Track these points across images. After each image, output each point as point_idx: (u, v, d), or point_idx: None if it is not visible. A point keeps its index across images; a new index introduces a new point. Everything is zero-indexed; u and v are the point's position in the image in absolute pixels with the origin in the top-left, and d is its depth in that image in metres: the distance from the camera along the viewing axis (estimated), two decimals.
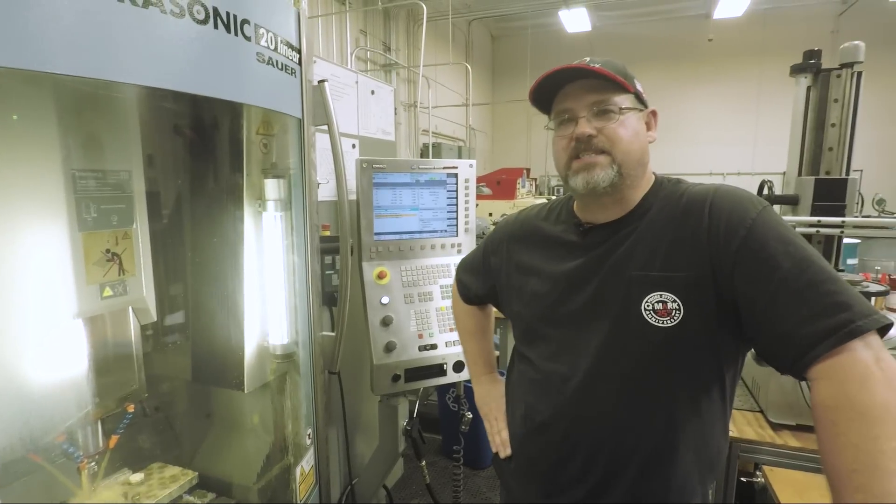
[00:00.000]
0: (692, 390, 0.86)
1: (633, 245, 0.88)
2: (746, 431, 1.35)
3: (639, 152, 0.90)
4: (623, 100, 0.89)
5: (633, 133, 0.89)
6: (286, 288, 1.45)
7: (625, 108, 0.88)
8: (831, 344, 0.69)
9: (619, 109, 0.88)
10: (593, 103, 0.88)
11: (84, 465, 1.10)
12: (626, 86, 0.88)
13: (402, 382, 1.75)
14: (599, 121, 0.88)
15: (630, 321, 0.85)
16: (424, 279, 1.83)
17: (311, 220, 1.36)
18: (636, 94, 0.91)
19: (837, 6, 9.43)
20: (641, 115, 0.92)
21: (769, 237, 0.77)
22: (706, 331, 0.82)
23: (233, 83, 1.01)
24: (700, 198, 0.85)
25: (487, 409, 1.16)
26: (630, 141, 0.88)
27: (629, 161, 0.88)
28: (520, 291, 1.04)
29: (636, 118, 0.91)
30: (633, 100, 0.91)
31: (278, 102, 1.17)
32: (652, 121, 0.96)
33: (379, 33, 7.74)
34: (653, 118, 0.96)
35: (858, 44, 1.47)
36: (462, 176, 1.88)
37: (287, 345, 1.49)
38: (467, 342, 1.29)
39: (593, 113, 0.88)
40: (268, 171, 1.44)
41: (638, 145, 0.90)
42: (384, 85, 2.07)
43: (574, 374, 0.91)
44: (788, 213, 1.58)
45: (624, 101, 0.89)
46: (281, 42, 1.14)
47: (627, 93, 0.89)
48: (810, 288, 0.72)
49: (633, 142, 0.89)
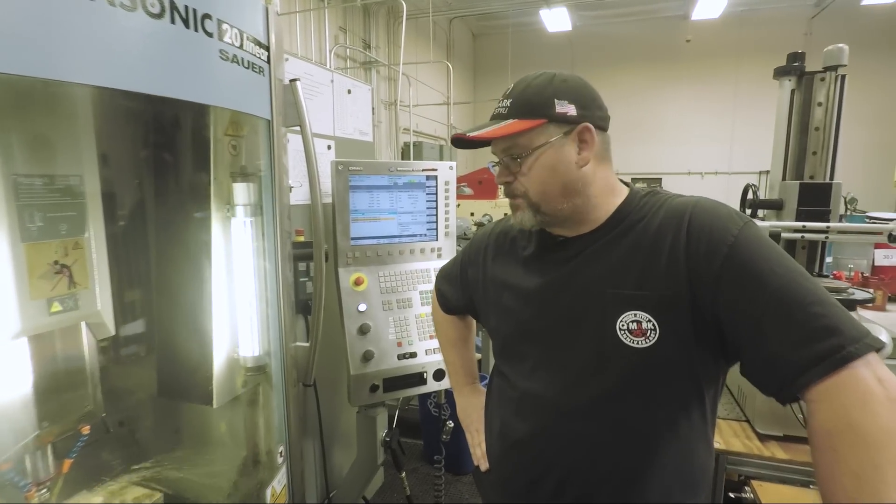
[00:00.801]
0: (670, 411, 0.82)
1: (606, 261, 0.84)
2: (733, 443, 1.32)
3: (559, 187, 0.85)
4: (534, 137, 0.84)
5: (549, 170, 0.84)
6: (257, 297, 1.38)
7: (534, 148, 0.84)
8: (821, 371, 0.65)
9: (528, 153, 0.85)
10: (503, 150, 0.88)
11: (32, 493, 1.02)
12: (529, 127, 0.83)
13: (381, 392, 1.70)
14: (512, 166, 0.87)
15: (605, 341, 0.81)
16: (403, 285, 1.78)
17: (282, 226, 1.29)
18: (558, 118, 0.84)
19: (810, 9, 9.62)
20: (567, 139, 0.84)
21: (753, 255, 0.73)
22: (684, 351, 0.79)
23: (193, 82, 0.94)
24: (678, 212, 0.81)
25: (468, 420, 1.14)
26: (544, 181, 0.85)
27: (547, 200, 0.86)
28: (496, 306, 1.00)
29: (554, 150, 0.84)
30: (552, 129, 0.84)
31: (245, 103, 1.10)
32: (588, 136, 0.85)
33: (359, 30, 7.62)
34: (587, 134, 0.85)
35: (842, 47, 1.46)
36: (441, 178, 1.83)
37: (259, 356, 1.43)
38: (448, 352, 1.25)
39: (507, 158, 0.88)
40: (236, 174, 1.37)
41: (556, 181, 0.85)
42: (361, 84, 2.00)
43: (548, 394, 0.88)
44: (773, 218, 1.57)
45: (536, 139, 0.84)
46: (247, 39, 1.07)
47: (540, 125, 0.84)
48: (799, 309, 0.69)
49: (547, 181, 0.85)
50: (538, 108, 0.84)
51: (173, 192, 1.37)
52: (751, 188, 1.59)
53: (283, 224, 1.30)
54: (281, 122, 1.27)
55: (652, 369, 0.80)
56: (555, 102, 0.84)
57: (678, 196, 0.86)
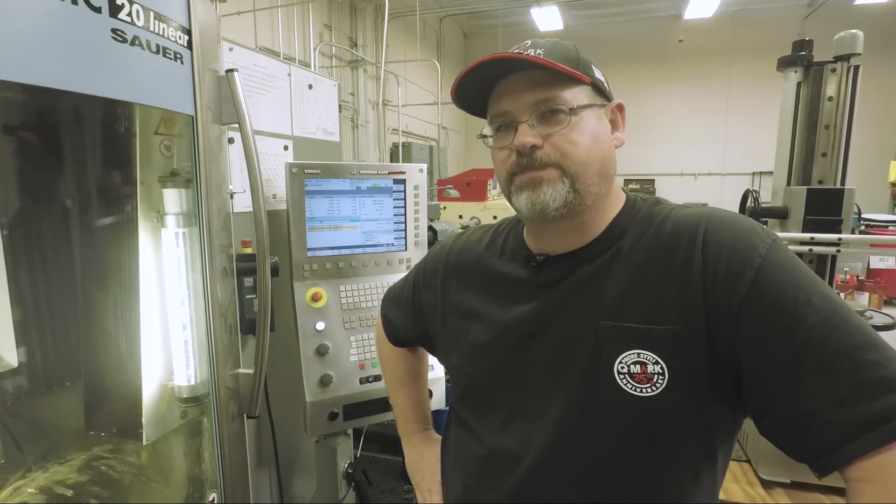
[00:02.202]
0: (677, 475, 0.65)
1: (602, 285, 0.67)
2: (732, 490, 1.15)
3: (600, 161, 0.68)
4: (576, 95, 0.67)
5: (592, 137, 0.68)
6: (192, 318, 1.22)
7: (579, 107, 0.67)
8: (875, 441, 0.49)
9: (571, 109, 0.66)
10: (536, 103, 0.67)
11: None
12: (578, 76, 0.66)
13: (341, 421, 1.52)
14: (545, 126, 0.67)
15: (599, 387, 0.64)
16: (367, 301, 1.60)
17: (212, 236, 1.12)
18: (595, 83, 0.69)
19: (803, 9, 9.58)
20: (603, 111, 0.71)
21: (785, 282, 0.57)
22: (698, 401, 0.62)
23: (71, 67, 0.76)
24: (690, 226, 0.64)
25: (420, 477, 0.94)
26: (588, 148, 0.67)
27: (587, 174, 0.67)
28: (458, 340, 0.82)
29: (595, 117, 0.69)
30: (590, 93, 0.69)
31: (154, 95, 0.92)
32: (619, 118, 0.74)
33: (345, 28, 7.44)
34: (619, 114, 0.74)
35: (856, 33, 1.29)
36: (411, 182, 1.65)
37: (195, 385, 1.27)
38: (396, 393, 1.05)
39: (537, 116, 0.67)
40: (166, 179, 1.20)
41: (598, 153, 0.68)
42: (325, 78, 1.83)
43: (526, 454, 0.70)
44: (776, 228, 1.40)
45: (578, 97, 0.67)
46: (155, 18, 0.90)
47: (582, 84, 0.68)
48: (844, 355, 0.53)
49: (591, 149, 0.67)
50: (583, 64, 0.69)
51: (92, 201, 1.20)
52: (751, 194, 1.42)
53: (216, 234, 1.13)
54: (211, 118, 1.10)
55: (658, 424, 0.63)
56: (592, 67, 0.70)
57: (685, 206, 0.70)
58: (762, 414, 0.60)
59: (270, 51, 5.33)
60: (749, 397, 0.61)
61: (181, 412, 1.30)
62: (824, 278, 1.34)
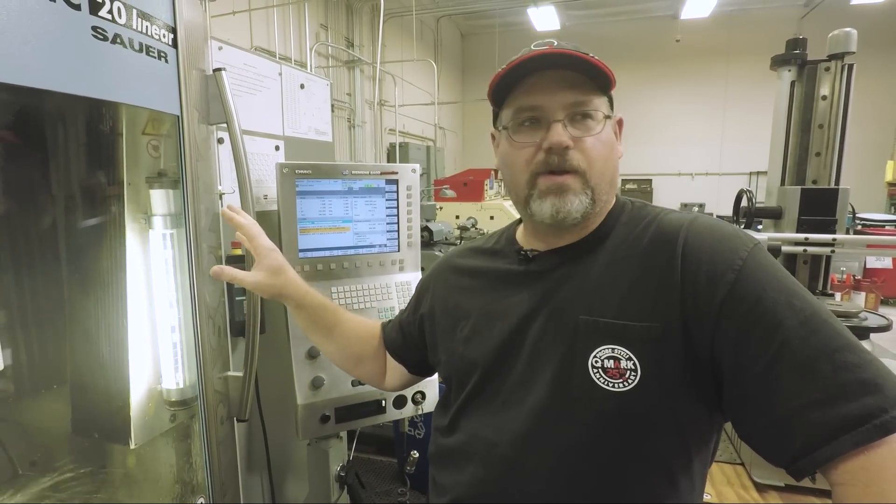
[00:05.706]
0: (648, 474, 0.65)
1: (584, 281, 0.68)
2: (725, 493, 1.14)
3: (612, 172, 0.71)
4: (602, 103, 0.69)
5: (610, 148, 0.70)
6: (181, 321, 1.21)
7: (605, 116, 0.69)
8: (854, 441, 0.49)
9: (606, 116, 0.68)
10: (572, 104, 0.67)
11: None
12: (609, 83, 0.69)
13: (333, 423, 1.51)
14: (577, 129, 0.67)
15: (573, 380, 0.65)
16: (360, 302, 1.59)
17: (199, 237, 1.11)
18: (610, 97, 0.72)
19: (800, 9, 9.60)
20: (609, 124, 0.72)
21: (766, 285, 0.57)
22: (670, 400, 0.62)
23: (50, 66, 0.74)
24: (672, 228, 0.65)
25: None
26: (606, 159, 0.69)
27: (603, 184, 0.69)
28: (445, 337, 0.83)
29: (610, 129, 0.71)
30: (607, 104, 0.71)
31: (136, 94, 0.91)
32: (619, 131, 0.76)
33: (341, 28, 7.43)
34: (619, 128, 0.76)
35: (850, 31, 1.28)
36: (404, 182, 1.64)
37: (184, 389, 1.25)
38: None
39: (569, 117, 0.67)
40: (153, 179, 1.19)
41: (612, 164, 0.71)
42: (317, 78, 1.82)
43: (501, 441, 0.70)
44: (770, 229, 1.39)
45: (603, 106, 0.69)
46: (138, 16, 0.88)
47: (604, 95, 0.70)
48: (823, 357, 0.53)
49: (608, 159, 0.70)
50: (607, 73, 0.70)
51: (78, 202, 1.19)
52: (746, 194, 1.41)
53: (203, 235, 1.12)
54: (198, 118, 1.08)
55: (629, 420, 0.63)
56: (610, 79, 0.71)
57: (672, 211, 0.71)
58: (742, 417, 0.60)
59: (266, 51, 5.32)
60: (729, 400, 0.61)
61: (170, 416, 1.29)
62: (819, 278, 1.34)
